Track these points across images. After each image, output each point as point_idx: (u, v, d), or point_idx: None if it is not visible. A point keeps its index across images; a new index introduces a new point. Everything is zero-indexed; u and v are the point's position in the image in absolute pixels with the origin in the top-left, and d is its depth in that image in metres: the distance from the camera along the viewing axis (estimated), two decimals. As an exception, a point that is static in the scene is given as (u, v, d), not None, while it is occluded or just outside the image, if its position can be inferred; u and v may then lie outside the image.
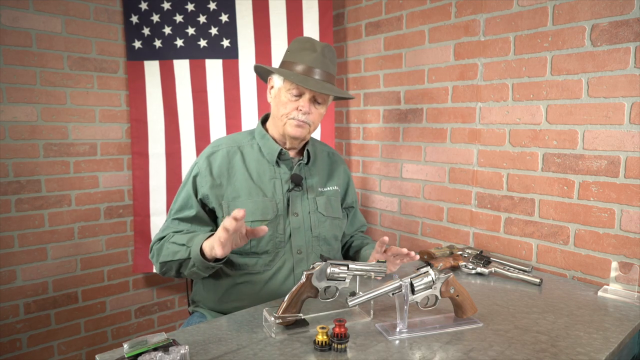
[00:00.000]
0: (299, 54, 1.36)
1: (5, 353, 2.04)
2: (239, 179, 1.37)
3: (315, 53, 1.34)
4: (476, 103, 1.80)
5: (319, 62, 1.34)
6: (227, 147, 1.42)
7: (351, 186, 1.63)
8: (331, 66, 1.38)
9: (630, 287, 1.34)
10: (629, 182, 1.42)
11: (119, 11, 2.24)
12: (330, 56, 1.38)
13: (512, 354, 0.99)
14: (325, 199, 1.46)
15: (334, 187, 1.52)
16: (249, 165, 1.40)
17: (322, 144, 1.62)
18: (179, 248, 1.26)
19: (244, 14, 2.21)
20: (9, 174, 2.01)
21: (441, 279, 1.12)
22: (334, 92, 1.35)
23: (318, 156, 1.52)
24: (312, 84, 1.31)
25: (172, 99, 2.27)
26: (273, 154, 1.40)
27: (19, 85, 2.00)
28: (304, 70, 1.34)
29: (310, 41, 1.38)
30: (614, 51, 1.42)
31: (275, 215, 1.36)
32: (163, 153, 2.30)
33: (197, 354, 0.99)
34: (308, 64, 1.34)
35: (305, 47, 1.36)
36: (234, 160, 1.40)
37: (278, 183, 1.39)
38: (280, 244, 1.37)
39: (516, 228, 1.71)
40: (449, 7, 1.86)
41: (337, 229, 1.49)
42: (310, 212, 1.41)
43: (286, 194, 1.39)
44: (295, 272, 1.37)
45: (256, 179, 1.38)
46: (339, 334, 0.99)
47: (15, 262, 2.05)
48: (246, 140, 1.45)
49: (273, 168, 1.40)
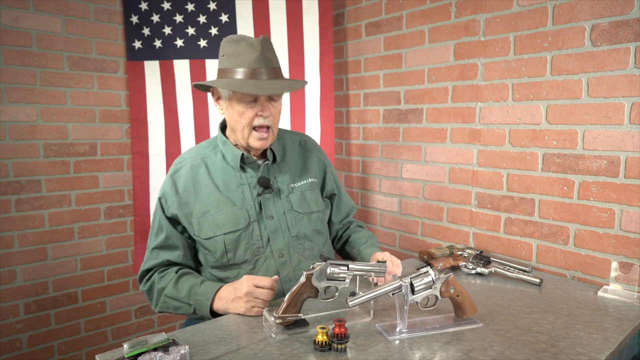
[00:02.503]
0: (238, 58, 1.27)
1: (5, 353, 2.04)
2: (206, 192, 1.33)
3: (257, 52, 1.26)
4: (476, 103, 1.80)
5: (262, 61, 1.27)
6: (190, 162, 1.38)
7: (329, 172, 1.54)
8: (274, 59, 1.30)
9: (630, 287, 1.34)
10: (629, 182, 1.42)
11: (119, 11, 2.24)
12: (270, 47, 1.30)
13: (512, 354, 0.99)
14: (299, 195, 1.40)
15: (307, 180, 1.45)
16: (214, 176, 1.36)
17: (292, 134, 1.54)
18: (179, 304, 1.27)
19: (244, 14, 2.21)
20: (9, 174, 2.01)
21: (441, 279, 1.12)
22: (290, 89, 1.31)
23: (287, 150, 1.46)
24: (266, 88, 1.25)
25: (172, 99, 2.27)
26: (236, 159, 1.35)
27: (19, 85, 2.00)
28: (249, 73, 1.26)
29: (244, 40, 1.29)
30: (614, 51, 1.42)
31: (248, 223, 1.32)
32: (163, 153, 2.30)
33: (197, 354, 0.99)
34: (252, 66, 1.26)
35: (242, 48, 1.27)
36: (199, 174, 1.35)
37: (246, 189, 1.35)
38: (259, 251, 1.33)
39: (516, 228, 1.71)
40: (449, 7, 1.86)
41: (317, 222, 1.43)
42: (285, 212, 1.37)
43: (256, 198, 1.34)
44: (281, 275, 1.33)
45: (223, 189, 1.34)
46: (339, 334, 0.99)
47: (15, 262, 2.05)
48: (209, 150, 1.40)
49: (239, 174, 1.36)
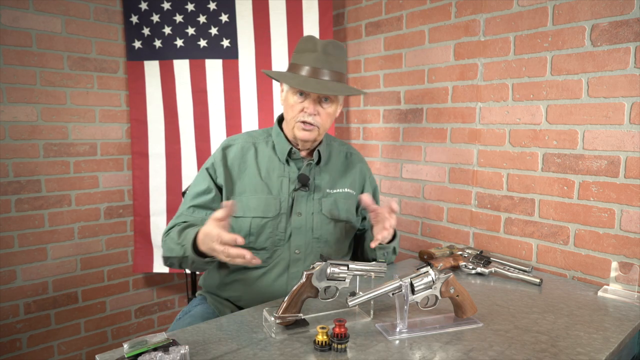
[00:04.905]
0: (303, 56, 1.35)
1: (5, 353, 2.04)
2: (249, 174, 1.39)
3: (316, 53, 1.32)
4: (476, 103, 1.80)
5: (321, 62, 1.32)
6: (242, 143, 1.44)
7: (367, 187, 1.56)
8: (337, 64, 1.35)
9: (630, 287, 1.34)
10: (629, 182, 1.42)
11: (119, 11, 2.24)
12: (336, 53, 1.35)
13: (512, 354, 0.99)
14: (332, 201, 1.44)
15: (344, 189, 1.48)
16: (260, 161, 1.42)
17: (342, 144, 1.58)
18: (174, 245, 1.26)
19: (244, 14, 2.21)
20: (9, 174, 2.01)
21: (441, 279, 1.12)
22: (335, 92, 1.32)
23: (333, 156, 1.50)
24: (312, 86, 1.29)
25: (172, 99, 2.27)
26: (284, 152, 1.41)
27: (19, 85, 2.00)
28: (310, 72, 1.32)
29: (312, 40, 1.36)
30: (614, 51, 1.42)
31: (278, 214, 1.36)
32: (163, 153, 2.30)
33: (197, 354, 0.99)
34: (312, 65, 1.32)
35: (307, 47, 1.35)
36: (247, 156, 1.42)
37: (285, 181, 1.40)
38: (280, 242, 1.37)
39: (516, 228, 1.71)
40: (449, 7, 1.86)
41: (343, 231, 1.46)
42: (313, 212, 1.40)
43: (292, 193, 1.39)
44: (289, 271, 1.37)
45: (264, 175, 1.40)
46: (339, 334, 0.99)
47: (15, 262, 2.05)
48: (262, 137, 1.46)
49: (283, 166, 1.41)
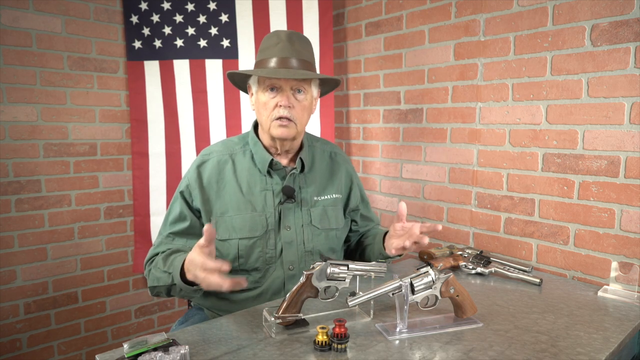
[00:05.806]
0: (268, 50, 1.29)
1: (5, 353, 2.04)
2: (228, 192, 1.31)
3: (281, 43, 1.27)
4: (476, 103, 1.80)
5: (288, 51, 1.27)
6: (218, 156, 1.35)
7: (355, 188, 1.50)
8: (304, 52, 1.30)
9: (630, 287, 1.34)
10: (629, 182, 1.42)
11: (119, 11, 2.24)
12: (301, 42, 1.30)
13: (512, 354, 0.99)
14: (321, 210, 1.38)
15: (332, 195, 1.41)
16: (239, 175, 1.33)
17: (324, 143, 1.51)
18: (160, 274, 1.19)
19: (244, 14, 2.21)
20: (9, 174, 2.00)
21: (441, 279, 1.12)
22: (308, 76, 1.26)
23: (317, 160, 1.44)
24: (283, 74, 1.23)
25: (172, 99, 2.27)
26: (264, 163, 1.32)
27: (19, 85, 2.00)
28: (278, 62, 1.26)
29: (275, 33, 1.31)
30: (614, 51, 1.42)
31: (265, 231, 1.29)
32: (163, 153, 2.30)
33: (197, 354, 0.99)
34: (279, 55, 1.26)
35: (270, 42, 1.29)
36: (225, 171, 1.33)
37: (269, 195, 1.32)
38: (271, 260, 1.31)
39: (516, 228, 1.71)
40: (449, 7, 1.86)
41: (334, 240, 1.41)
42: (303, 225, 1.34)
43: (278, 207, 1.32)
44: (286, 288, 1.31)
45: (246, 191, 1.32)
46: (339, 334, 0.99)
47: (15, 262, 2.05)
48: (239, 147, 1.38)
49: (265, 179, 1.33)
